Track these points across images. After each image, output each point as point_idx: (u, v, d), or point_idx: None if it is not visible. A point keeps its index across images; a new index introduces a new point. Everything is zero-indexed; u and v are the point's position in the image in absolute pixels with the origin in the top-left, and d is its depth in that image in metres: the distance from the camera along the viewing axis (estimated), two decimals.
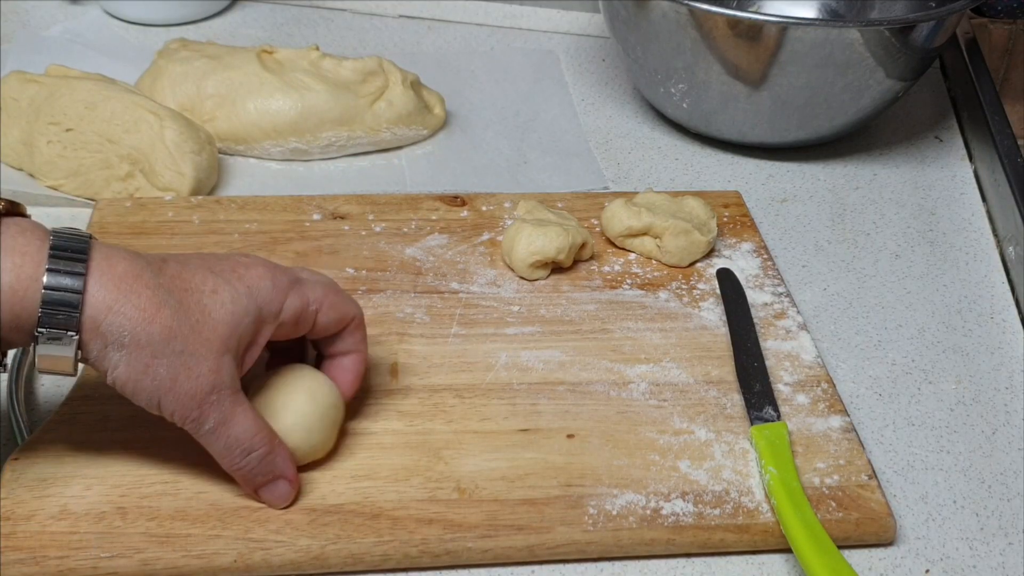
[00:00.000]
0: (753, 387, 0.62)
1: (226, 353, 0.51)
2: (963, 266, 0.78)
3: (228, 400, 0.51)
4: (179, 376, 0.50)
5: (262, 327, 0.53)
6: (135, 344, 0.49)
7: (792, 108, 0.83)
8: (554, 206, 0.77)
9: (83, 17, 1.02)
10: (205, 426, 0.51)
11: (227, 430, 0.52)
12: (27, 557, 0.51)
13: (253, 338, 0.53)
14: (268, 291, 0.53)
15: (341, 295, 0.57)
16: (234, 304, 0.52)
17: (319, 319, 0.56)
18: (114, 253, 0.50)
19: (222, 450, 0.52)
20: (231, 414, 0.52)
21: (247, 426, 0.52)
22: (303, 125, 0.82)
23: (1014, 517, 0.59)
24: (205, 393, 0.51)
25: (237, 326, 0.52)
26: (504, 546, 0.54)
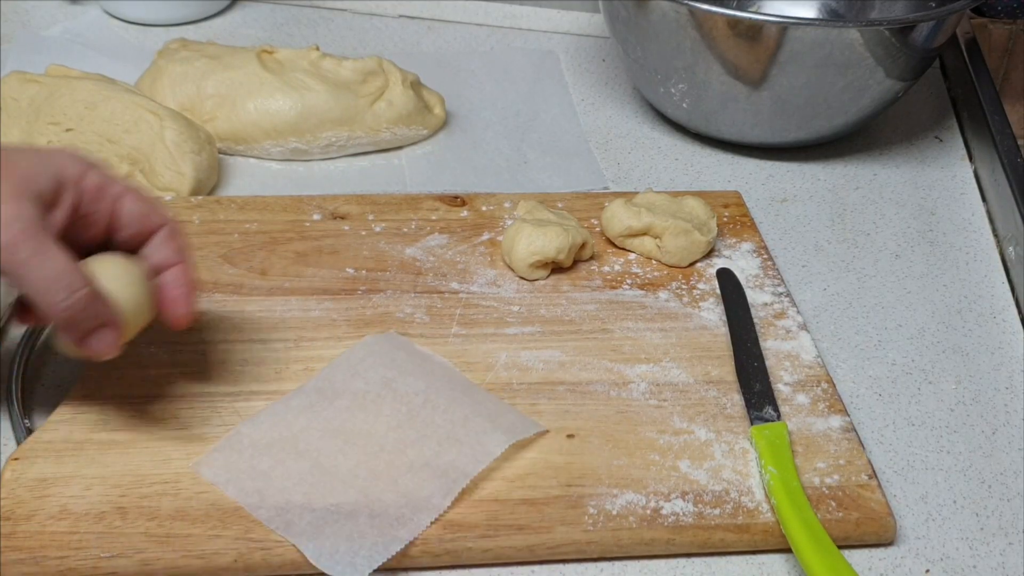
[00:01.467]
0: (753, 387, 0.62)
1: (25, 195, 0.51)
2: (963, 266, 0.78)
3: (39, 233, 0.50)
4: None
5: (62, 190, 0.53)
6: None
7: (792, 108, 0.83)
8: (554, 206, 0.77)
9: (83, 17, 1.02)
10: (18, 254, 0.50)
11: (44, 261, 0.50)
12: (27, 557, 0.51)
13: (54, 198, 0.52)
14: (68, 159, 0.54)
15: (152, 199, 0.56)
16: (29, 160, 0.52)
17: (122, 205, 0.55)
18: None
19: (42, 284, 0.51)
20: (45, 245, 0.50)
21: (66, 260, 0.51)
22: (303, 125, 0.82)
23: (1014, 517, 0.59)
24: (9, 219, 0.50)
25: (36, 175, 0.52)
26: (504, 546, 0.54)
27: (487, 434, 0.58)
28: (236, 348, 0.64)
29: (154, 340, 0.63)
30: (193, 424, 0.58)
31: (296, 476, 0.55)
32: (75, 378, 0.62)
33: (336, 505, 0.54)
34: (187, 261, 0.57)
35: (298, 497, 0.54)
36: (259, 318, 0.66)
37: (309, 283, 0.69)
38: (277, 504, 0.54)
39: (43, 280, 0.51)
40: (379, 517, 0.53)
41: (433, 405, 0.59)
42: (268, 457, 0.56)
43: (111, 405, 0.59)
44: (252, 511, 0.53)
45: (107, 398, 0.60)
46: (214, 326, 0.65)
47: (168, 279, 0.57)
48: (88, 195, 0.54)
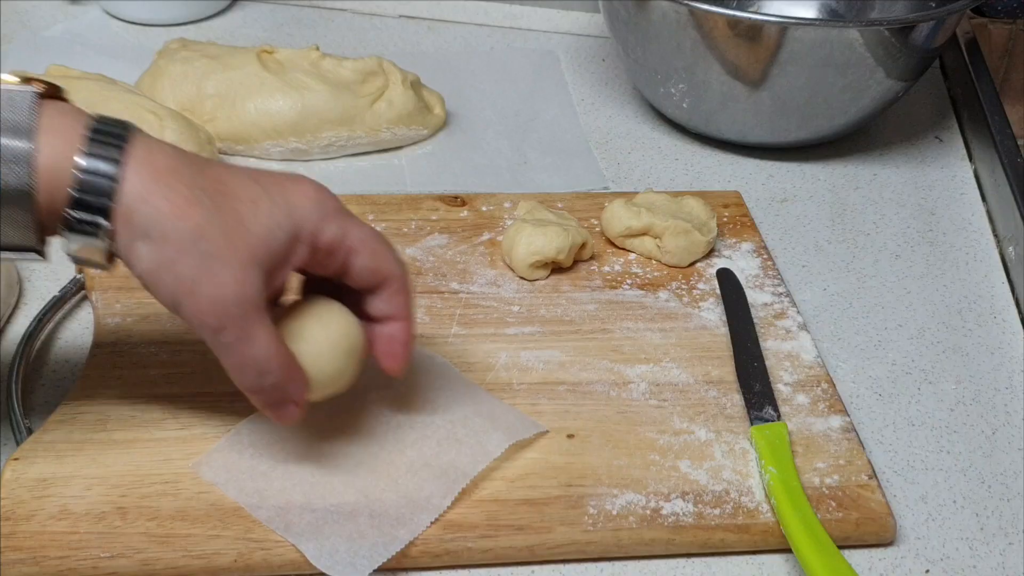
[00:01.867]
0: (753, 387, 0.62)
1: (254, 266, 0.48)
2: (963, 266, 0.78)
3: (251, 316, 0.48)
4: (202, 279, 0.47)
5: (296, 246, 0.50)
6: (162, 237, 0.47)
7: (792, 108, 0.83)
8: (554, 206, 0.77)
9: (83, 17, 1.02)
10: (221, 337, 0.49)
11: (245, 348, 0.49)
12: (27, 557, 0.51)
13: (285, 256, 0.50)
14: (309, 211, 0.51)
15: (387, 247, 0.53)
16: (270, 218, 0.49)
17: (354, 260, 0.52)
18: (155, 145, 0.48)
19: (236, 366, 0.50)
20: (251, 331, 0.49)
21: (266, 346, 0.49)
22: (303, 125, 0.82)
23: (1014, 517, 0.59)
24: (227, 303, 0.48)
25: (270, 240, 0.49)
26: (504, 546, 0.54)
27: (487, 434, 0.58)
28: None
29: (154, 340, 0.63)
30: (193, 424, 0.58)
31: (296, 476, 0.55)
32: (75, 378, 0.62)
33: (336, 505, 0.54)
34: (409, 316, 0.55)
35: (298, 497, 0.54)
36: None
37: None
38: (277, 504, 0.54)
39: (238, 363, 0.50)
40: (379, 517, 0.53)
41: (433, 405, 0.59)
42: (268, 457, 0.56)
43: (111, 405, 0.59)
44: (252, 511, 0.53)
45: (107, 398, 0.60)
46: None
47: (388, 332, 0.55)
48: (321, 252, 0.52)
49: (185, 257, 0.47)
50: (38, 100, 0.47)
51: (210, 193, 0.48)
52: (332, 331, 0.53)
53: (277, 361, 0.50)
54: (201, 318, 0.48)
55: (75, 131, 0.47)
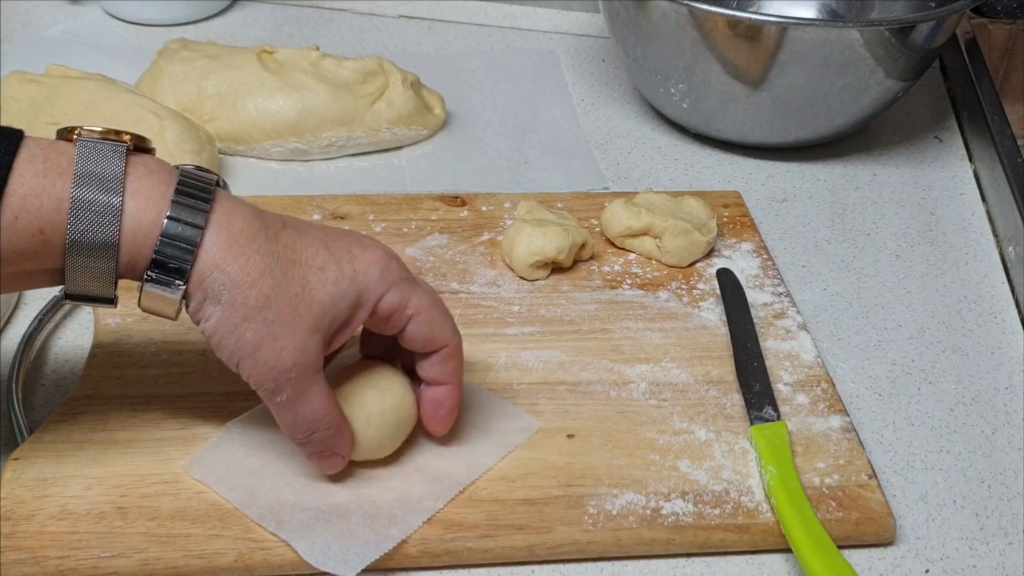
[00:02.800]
0: (753, 387, 0.62)
1: (316, 332, 0.51)
2: (963, 266, 0.78)
3: (307, 379, 0.51)
4: (263, 344, 0.50)
5: (357, 312, 0.53)
6: (231, 304, 0.49)
7: (792, 108, 0.83)
8: (554, 206, 0.77)
9: (83, 17, 1.02)
10: (278, 398, 0.51)
11: (298, 407, 0.51)
12: (27, 557, 0.51)
13: (346, 321, 0.52)
14: (374, 279, 0.53)
15: (444, 316, 0.55)
16: (336, 286, 0.51)
17: (410, 327, 0.54)
18: (235, 209, 0.50)
19: (288, 423, 0.52)
20: (306, 393, 0.51)
21: (319, 407, 0.52)
22: (303, 125, 0.82)
23: (1014, 517, 0.59)
24: (285, 368, 0.50)
25: (334, 308, 0.51)
26: (504, 546, 0.54)
27: (480, 444, 0.58)
28: None
29: (154, 340, 0.63)
30: (193, 424, 0.58)
31: (288, 475, 0.55)
32: (75, 378, 0.62)
33: (328, 505, 0.54)
34: (457, 382, 0.56)
35: (290, 496, 0.54)
36: None
37: None
38: (268, 503, 0.54)
39: (291, 421, 0.52)
40: (371, 517, 0.54)
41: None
42: (259, 457, 0.56)
43: (111, 405, 0.59)
44: (243, 509, 0.53)
45: (107, 398, 0.60)
46: None
47: (435, 396, 0.56)
48: (380, 317, 0.53)
49: (250, 324, 0.49)
50: (128, 155, 0.49)
51: (281, 260, 0.50)
52: (386, 402, 0.55)
53: (327, 420, 0.53)
54: (259, 380, 0.51)
55: (162, 192, 0.49)
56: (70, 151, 0.48)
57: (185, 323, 0.53)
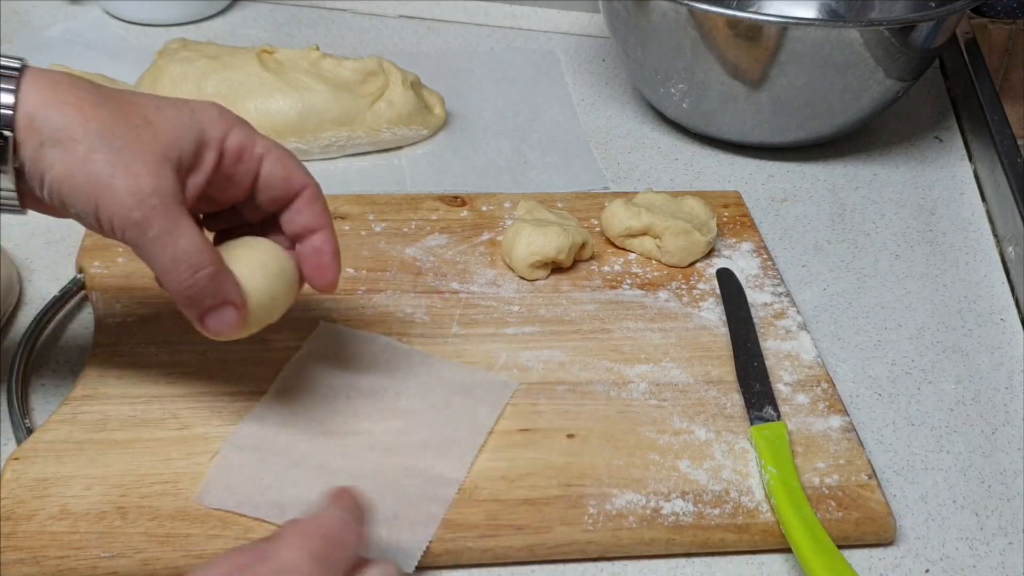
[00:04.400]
0: (753, 387, 0.62)
1: (167, 161, 0.49)
2: (963, 266, 0.78)
3: (174, 210, 0.49)
4: (117, 173, 0.48)
5: (204, 150, 0.51)
6: (70, 139, 0.47)
7: (792, 108, 0.83)
8: (554, 206, 0.77)
9: (83, 17, 1.02)
10: (148, 232, 0.49)
11: (173, 240, 0.49)
12: (27, 557, 0.51)
13: (195, 160, 0.51)
14: (213, 117, 0.52)
15: (294, 158, 0.55)
16: (176, 119, 0.50)
17: (265, 166, 0.53)
18: (49, 70, 0.50)
19: (168, 263, 0.49)
20: (177, 223, 0.49)
21: (195, 239, 0.50)
22: (303, 125, 0.82)
23: (1014, 517, 0.59)
24: (146, 193, 0.48)
25: (179, 139, 0.50)
26: (504, 546, 0.54)
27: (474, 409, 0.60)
28: (237, 348, 0.63)
29: (154, 340, 0.63)
30: (193, 424, 0.58)
31: (304, 481, 0.55)
32: (75, 378, 0.62)
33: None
34: (329, 225, 0.56)
35: (316, 496, 0.54)
36: None
37: None
38: (299, 510, 0.53)
39: (170, 259, 0.49)
40: (403, 497, 0.54)
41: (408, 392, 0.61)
42: (267, 472, 0.56)
43: (111, 405, 0.59)
44: (277, 520, 0.53)
45: (107, 398, 0.60)
46: None
47: (314, 245, 0.55)
48: (230, 155, 0.52)
49: (96, 154, 0.48)
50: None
51: (113, 99, 0.50)
52: (260, 252, 0.54)
53: (209, 256, 0.50)
54: (124, 214, 0.48)
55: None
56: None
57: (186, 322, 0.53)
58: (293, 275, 0.55)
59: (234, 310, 0.52)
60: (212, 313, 0.52)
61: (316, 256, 0.55)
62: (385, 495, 0.54)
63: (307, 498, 0.54)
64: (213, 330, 0.52)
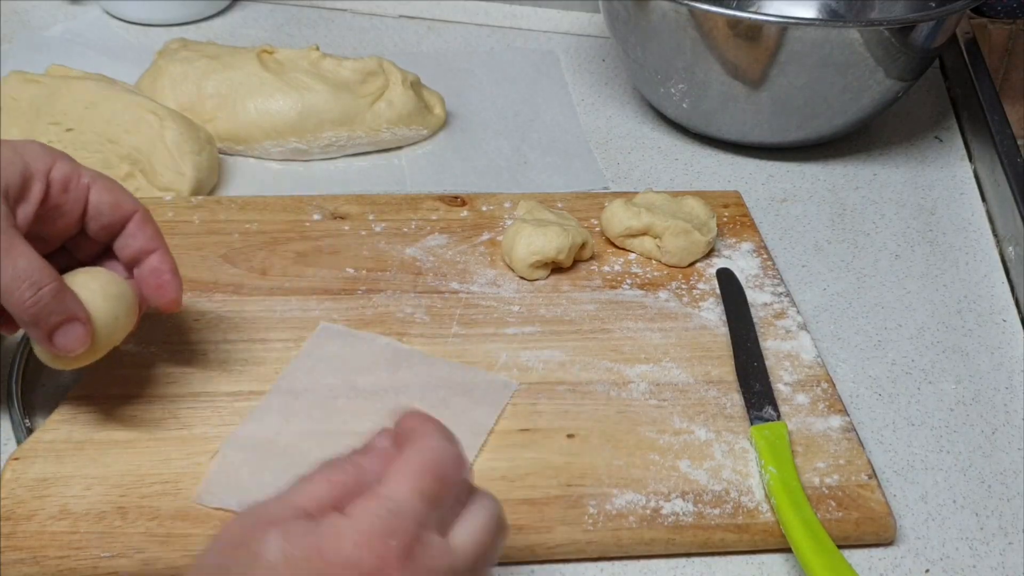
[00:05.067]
0: (753, 387, 0.62)
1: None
2: (963, 266, 0.78)
3: (8, 231, 0.51)
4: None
5: (30, 182, 0.53)
6: None
7: (792, 108, 0.83)
8: (554, 206, 0.77)
9: (83, 17, 1.02)
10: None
11: (12, 259, 0.51)
12: (27, 557, 0.51)
13: (22, 192, 0.53)
14: (36, 151, 0.54)
15: (119, 185, 0.56)
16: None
17: (92, 195, 0.55)
18: None
19: (9, 282, 0.51)
20: (12, 244, 0.51)
21: (33, 258, 0.51)
22: (303, 125, 0.82)
23: (1014, 517, 0.59)
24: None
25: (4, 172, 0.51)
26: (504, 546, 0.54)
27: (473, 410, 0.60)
28: (236, 348, 0.64)
29: (154, 340, 0.63)
30: (193, 424, 0.58)
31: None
32: (75, 378, 0.62)
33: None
34: (164, 246, 0.57)
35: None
36: (259, 318, 0.66)
37: (309, 283, 0.69)
38: None
39: (11, 278, 0.51)
40: None
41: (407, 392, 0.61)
42: (267, 472, 0.55)
43: (111, 405, 0.59)
44: None
45: (107, 398, 0.60)
46: (214, 326, 0.65)
47: (151, 266, 0.57)
48: (56, 186, 0.54)
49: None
50: None
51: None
52: (98, 277, 0.55)
53: (49, 272, 0.52)
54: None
55: None
56: None
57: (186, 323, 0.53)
58: (132, 298, 0.57)
59: (80, 325, 0.53)
60: (59, 330, 0.53)
61: (155, 276, 0.57)
62: None
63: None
64: (62, 347, 0.53)
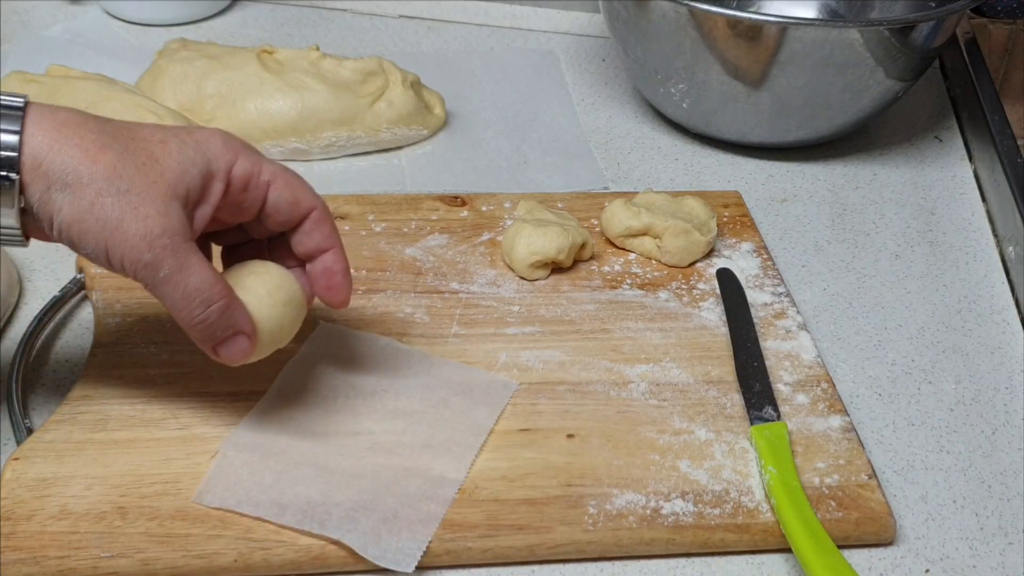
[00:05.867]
0: (753, 387, 0.62)
1: (174, 199, 0.49)
2: (963, 266, 0.78)
3: (183, 248, 0.49)
4: (126, 216, 0.48)
5: (211, 182, 0.52)
6: (78, 182, 0.48)
7: (792, 108, 0.83)
8: (554, 206, 0.77)
9: (83, 17, 1.02)
10: (160, 272, 0.49)
11: (184, 278, 0.50)
12: (27, 557, 0.51)
13: (202, 194, 0.51)
14: (218, 147, 0.52)
15: (301, 180, 0.55)
16: (181, 153, 0.50)
17: (271, 193, 0.54)
18: (53, 106, 0.50)
19: (180, 300, 0.50)
20: (187, 261, 0.50)
21: (205, 275, 0.50)
22: (303, 125, 0.82)
23: (1014, 517, 0.59)
24: (155, 235, 0.48)
25: (185, 174, 0.50)
26: (504, 546, 0.54)
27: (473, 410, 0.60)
28: None
29: (154, 340, 0.63)
30: (193, 424, 0.58)
31: (305, 480, 0.55)
32: (75, 378, 0.62)
33: (358, 494, 0.55)
34: (339, 244, 0.56)
35: (316, 496, 0.54)
36: None
37: None
38: (300, 507, 0.54)
39: (181, 297, 0.50)
40: (403, 496, 0.55)
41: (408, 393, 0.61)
42: (268, 472, 0.56)
43: (111, 405, 0.59)
44: (276, 520, 0.53)
45: (107, 398, 0.60)
46: None
47: (324, 265, 0.56)
48: (237, 185, 0.53)
49: (104, 198, 0.48)
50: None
51: (118, 138, 0.49)
52: (268, 281, 0.55)
53: (220, 289, 0.51)
54: (135, 256, 0.49)
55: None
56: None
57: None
58: (301, 301, 0.56)
59: (245, 338, 0.53)
60: (224, 343, 0.53)
61: (327, 276, 0.56)
62: (385, 495, 0.54)
63: (307, 497, 0.54)
64: (225, 358, 0.53)
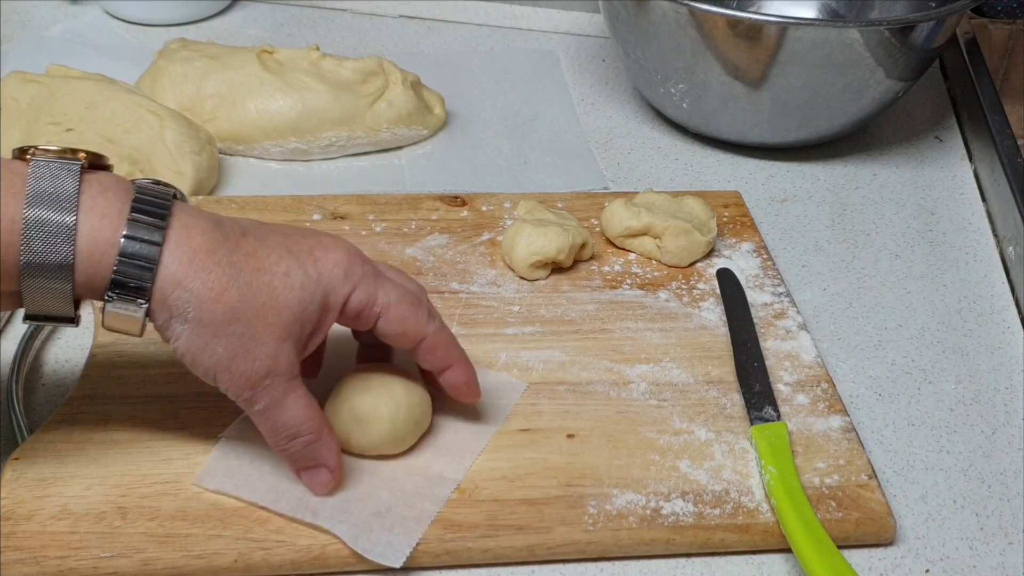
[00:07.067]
0: (753, 387, 0.62)
1: (287, 340, 0.51)
2: (963, 266, 0.78)
3: (282, 386, 0.52)
4: (236, 357, 0.50)
5: (326, 315, 0.53)
6: (198, 321, 0.49)
7: (792, 108, 0.83)
8: (554, 206, 0.77)
9: (83, 17, 1.02)
10: (256, 407, 0.52)
11: (276, 414, 0.52)
12: (27, 557, 0.51)
13: (317, 325, 0.53)
14: (339, 279, 0.53)
15: (414, 309, 0.55)
16: (303, 290, 0.51)
17: (380, 324, 0.55)
18: (193, 223, 0.50)
19: (269, 431, 0.53)
20: (283, 400, 0.52)
21: (296, 413, 0.52)
22: (303, 125, 0.82)
23: (1014, 517, 0.59)
24: (259, 377, 0.51)
25: (302, 313, 0.52)
26: (504, 546, 0.54)
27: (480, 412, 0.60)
28: None
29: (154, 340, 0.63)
30: (193, 424, 0.58)
31: None
32: (75, 378, 0.62)
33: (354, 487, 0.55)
34: (458, 358, 0.57)
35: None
36: None
37: None
38: (295, 496, 0.54)
39: (271, 428, 0.53)
40: (399, 492, 0.55)
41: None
42: (268, 457, 0.56)
43: (111, 405, 0.59)
44: (272, 507, 0.54)
45: (107, 398, 0.60)
46: None
47: (448, 380, 0.57)
48: (349, 316, 0.54)
49: (221, 339, 0.50)
50: (83, 173, 0.48)
51: (244, 270, 0.50)
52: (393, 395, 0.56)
53: (308, 426, 0.53)
54: (236, 391, 0.51)
55: (118, 210, 0.48)
56: (23, 171, 0.47)
57: None
58: (422, 414, 0.57)
59: (327, 472, 0.54)
60: (307, 472, 0.54)
61: (455, 390, 0.58)
62: (380, 489, 0.55)
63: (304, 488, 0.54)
64: (307, 484, 0.55)
